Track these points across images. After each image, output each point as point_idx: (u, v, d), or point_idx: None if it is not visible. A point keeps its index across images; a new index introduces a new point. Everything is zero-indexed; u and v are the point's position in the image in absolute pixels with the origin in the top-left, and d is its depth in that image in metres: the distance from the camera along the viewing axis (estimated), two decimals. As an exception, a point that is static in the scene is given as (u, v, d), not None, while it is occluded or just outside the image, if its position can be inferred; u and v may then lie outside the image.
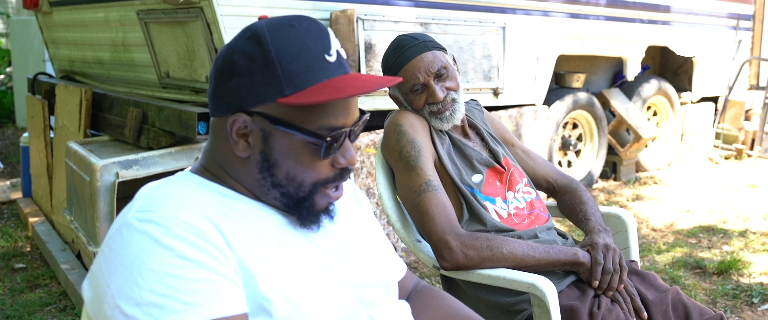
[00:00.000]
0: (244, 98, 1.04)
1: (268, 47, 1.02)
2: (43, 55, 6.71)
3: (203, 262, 0.95)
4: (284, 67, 1.02)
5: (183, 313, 0.91)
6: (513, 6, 4.47)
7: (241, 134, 1.06)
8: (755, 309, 3.19)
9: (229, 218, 1.04)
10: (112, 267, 0.95)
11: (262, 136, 1.05)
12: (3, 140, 7.45)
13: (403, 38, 1.93)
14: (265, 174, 1.08)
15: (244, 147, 1.07)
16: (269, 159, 1.06)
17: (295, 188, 1.08)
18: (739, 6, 6.46)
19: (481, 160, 1.95)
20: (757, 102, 6.85)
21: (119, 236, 0.97)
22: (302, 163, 1.07)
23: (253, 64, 1.02)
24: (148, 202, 1.01)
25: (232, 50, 1.05)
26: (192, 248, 0.95)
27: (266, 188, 1.09)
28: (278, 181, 1.08)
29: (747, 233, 4.32)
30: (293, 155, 1.06)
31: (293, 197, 1.09)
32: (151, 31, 3.55)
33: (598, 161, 5.43)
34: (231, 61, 1.04)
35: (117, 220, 1.02)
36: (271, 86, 1.02)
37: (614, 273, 1.74)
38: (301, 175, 1.07)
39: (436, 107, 1.90)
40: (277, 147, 1.06)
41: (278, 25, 1.05)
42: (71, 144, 3.36)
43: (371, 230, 1.31)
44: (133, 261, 0.94)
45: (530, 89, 4.75)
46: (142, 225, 0.96)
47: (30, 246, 4.08)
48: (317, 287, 1.07)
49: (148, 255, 0.94)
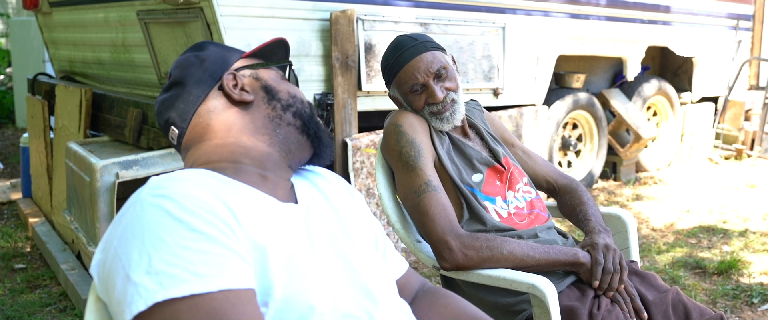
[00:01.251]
0: (217, 69, 1.26)
1: (202, 45, 1.32)
2: (43, 56, 6.72)
3: (214, 236, 0.97)
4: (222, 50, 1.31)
5: (192, 283, 0.92)
6: (513, 6, 4.47)
7: (236, 86, 1.24)
8: (755, 309, 3.19)
9: (239, 200, 1.06)
10: (124, 238, 0.96)
11: (253, 77, 1.27)
12: (3, 141, 7.45)
13: (403, 39, 1.93)
14: (273, 103, 1.25)
15: (247, 94, 1.24)
16: (270, 88, 1.26)
17: (300, 104, 1.27)
18: (739, 6, 6.46)
19: (481, 159, 1.95)
20: (757, 102, 6.86)
21: (132, 210, 0.99)
22: (286, 83, 1.30)
23: (196, 59, 1.28)
24: (160, 181, 1.04)
25: (172, 69, 1.31)
26: (204, 222, 0.97)
27: (280, 118, 1.24)
28: (286, 101, 1.26)
29: (747, 234, 4.32)
30: (280, 79, 1.30)
31: (304, 115, 1.26)
32: (151, 31, 3.55)
33: (598, 162, 5.44)
34: (177, 76, 1.28)
35: (129, 200, 1.04)
36: (229, 54, 1.29)
37: (615, 274, 1.74)
38: (295, 91, 1.29)
39: (435, 107, 1.90)
40: (268, 78, 1.28)
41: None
42: (71, 145, 3.36)
43: (369, 228, 1.32)
44: (145, 232, 0.95)
45: (530, 89, 4.75)
46: (155, 200, 0.99)
47: (30, 247, 4.08)
48: (320, 276, 1.08)
49: (160, 227, 0.95)
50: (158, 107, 1.28)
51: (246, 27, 3.25)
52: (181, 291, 0.91)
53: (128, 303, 0.91)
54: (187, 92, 1.24)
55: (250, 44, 3.26)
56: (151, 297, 0.90)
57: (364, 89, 3.70)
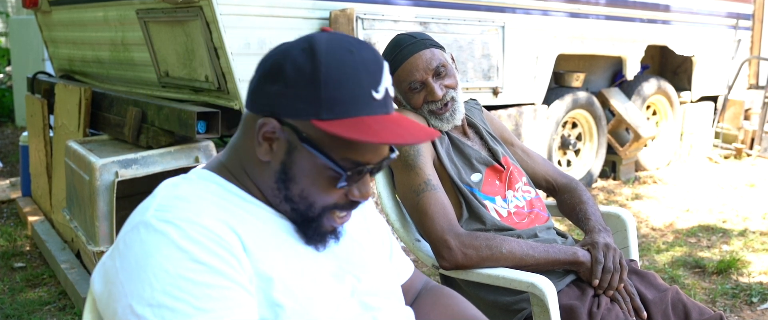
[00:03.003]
0: (281, 107, 1.03)
1: (320, 67, 1.01)
2: (43, 55, 6.71)
3: (218, 268, 0.95)
4: (328, 92, 1.00)
5: (194, 317, 0.92)
6: (512, 5, 4.47)
7: (267, 137, 1.05)
8: (755, 309, 3.19)
9: (246, 223, 1.04)
10: (127, 264, 0.95)
11: (287, 147, 1.05)
12: (2, 139, 7.44)
13: (401, 37, 1.93)
14: (280, 185, 1.07)
15: (267, 151, 1.06)
16: (288, 172, 1.06)
17: (305, 207, 1.07)
18: (739, 5, 6.46)
19: (480, 159, 1.95)
20: (757, 101, 6.86)
21: (136, 234, 0.97)
22: (318, 186, 1.06)
23: (300, 76, 1.01)
24: (167, 202, 1.01)
25: (285, 55, 1.04)
26: (208, 253, 0.95)
27: (279, 199, 1.08)
28: (291, 196, 1.07)
29: (746, 233, 4.32)
30: (311, 176, 1.05)
31: (302, 215, 1.08)
32: (151, 30, 3.55)
33: (598, 161, 5.43)
34: (280, 66, 1.03)
35: (134, 216, 1.02)
36: (311, 105, 1.01)
37: (614, 273, 1.74)
38: (314, 196, 1.07)
39: (435, 105, 1.90)
40: (298, 163, 1.05)
41: (337, 46, 1.03)
42: (71, 143, 3.36)
43: (376, 234, 1.31)
44: (148, 261, 0.94)
45: (530, 88, 4.75)
46: (160, 225, 0.97)
47: (29, 245, 4.08)
48: (326, 294, 1.07)
49: (163, 256, 0.94)
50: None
51: (245, 26, 3.25)
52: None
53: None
54: (258, 89, 1.07)
55: (248, 44, 3.26)
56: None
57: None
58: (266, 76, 1.05)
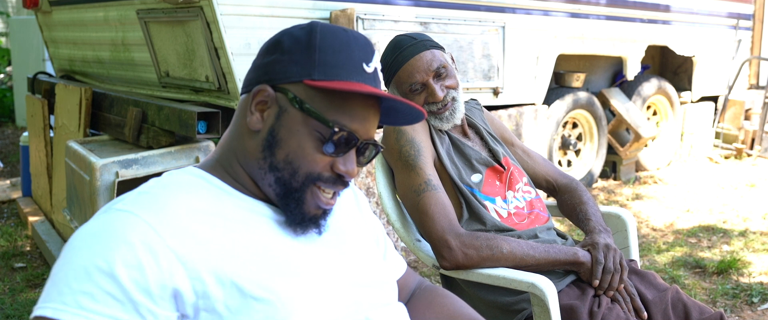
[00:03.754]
0: (276, 73, 1.08)
1: (315, 36, 1.08)
2: (43, 55, 6.71)
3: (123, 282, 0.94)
4: (322, 56, 1.07)
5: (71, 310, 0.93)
6: (513, 5, 4.47)
7: (259, 106, 1.09)
8: (755, 309, 3.19)
9: (216, 227, 1.04)
10: (63, 253, 0.99)
11: (277, 112, 1.08)
12: (3, 140, 7.45)
13: (402, 38, 1.93)
14: (266, 153, 1.09)
15: (258, 120, 1.09)
16: (275, 136, 1.08)
17: (289, 174, 1.08)
18: (739, 5, 6.46)
19: (481, 159, 1.95)
20: (757, 101, 6.86)
21: (95, 219, 1.01)
22: (304, 148, 1.07)
23: (296, 45, 1.08)
24: (138, 201, 1.03)
25: (284, 33, 1.11)
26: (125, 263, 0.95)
27: (264, 171, 1.09)
28: (276, 163, 1.08)
29: (747, 233, 4.32)
30: (298, 138, 1.07)
31: (286, 185, 1.08)
32: (151, 30, 3.55)
33: (598, 161, 5.43)
34: (277, 41, 1.10)
35: (105, 206, 1.05)
36: (304, 67, 1.07)
37: (615, 273, 1.74)
38: (299, 161, 1.08)
39: (435, 106, 1.90)
40: (286, 125, 1.07)
41: (333, 26, 1.11)
42: (71, 143, 3.36)
43: (370, 231, 1.30)
44: (80, 242, 0.98)
45: (530, 88, 4.75)
46: (109, 216, 1.00)
47: (30, 246, 4.08)
48: (311, 287, 1.06)
49: (95, 252, 0.96)
50: None
51: (246, 26, 3.25)
52: (51, 313, 0.93)
53: (41, 297, 0.96)
54: (254, 67, 1.13)
55: (249, 44, 3.26)
56: (37, 307, 0.94)
57: (363, 88, 3.70)
58: (264, 52, 1.12)
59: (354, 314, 1.12)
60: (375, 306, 1.17)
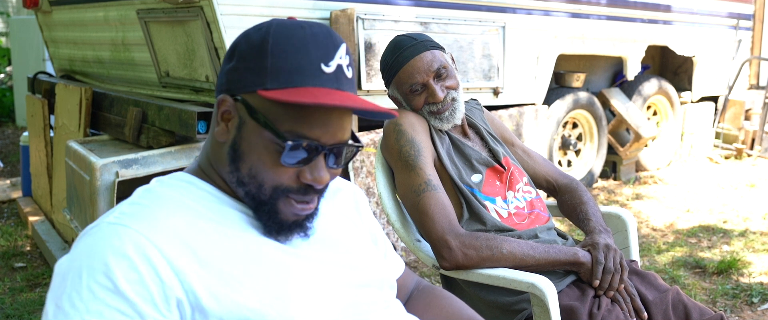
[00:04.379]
0: (233, 82, 1.04)
1: (268, 38, 1.02)
2: (43, 55, 6.71)
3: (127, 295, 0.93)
4: (274, 61, 1.00)
5: None
6: (513, 5, 4.47)
7: (224, 116, 1.05)
8: (755, 309, 3.19)
9: (205, 234, 1.02)
10: (57, 271, 0.97)
11: (238, 123, 1.04)
12: (3, 139, 7.45)
13: (402, 38, 1.92)
14: (231, 167, 1.06)
15: (223, 131, 1.05)
16: (237, 149, 1.04)
17: (256, 187, 1.04)
18: (739, 6, 6.46)
19: (481, 159, 1.95)
20: (757, 102, 6.85)
21: (87, 236, 0.99)
22: (264, 162, 1.03)
23: (250, 50, 1.02)
24: (127, 212, 1.02)
25: (242, 35, 1.06)
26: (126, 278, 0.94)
27: (235, 184, 1.06)
28: (241, 177, 1.05)
29: (747, 233, 4.32)
30: (257, 151, 1.03)
31: (255, 199, 1.05)
32: (151, 30, 3.55)
33: (598, 161, 5.43)
34: (235, 45, 1.05)
35: (96, 221, 1.03)
36: (258, 75, 1.01)
37: (615, 273, 1.74)
38: (262, 175, 1.03)
39: (435, 106, 1.90)
40: (246, 138, 1.03)
41: (290, 24, 1.04)
42: (71, 143, 3.36)
43: (368, 232, 1.30)
44: (74, 263, 0.96)
45: (530, 88, 4.75)
46: (108, 237, 0.97)
47: (30, 245, 4.08)
48: (303, 293, 1.05)
49: (93, 270, 0.94)
50: None
51: (246, 26, 3.21)
52: None
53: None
54: (219, 73, 1.09)
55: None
56: None
57: (363, 88, 3.70)
58: (226, 57, 1.07)
59: (353, 315, 1.12)
60: (374, 306, 1.16)
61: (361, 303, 1.14)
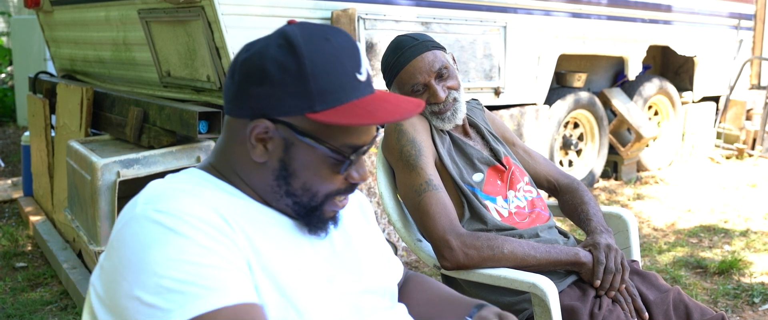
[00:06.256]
0: (272, 107, 1.03)
1: (303, 60, 1.01)
2: (45, 54, 6.72)
3: (218, 251, 0.95)
4: (317, 83, 1.01)
5: (206, 298, 0.91)
6: (514, 5, 4.46)
7: (260, 139, 1.05)
8: (756, 309, 3.18)
9: (240, 216, 1.03)
10: (126, 258, 0.94)
11: (283, 145, 1.05)
12: (4, 139, 7.45)
13: (403, 38, 1.92)
14: (280, 182, 1.07)
15: (262, 153, 1.06)
16: (288, 168, 1.06)
17: (308, 198, 1.08)
18: (741, 6, 6.45)
19: (482, 159, 1.95)
20: (759, 102, 6.85)
21: (129, 229, 0.97)
22: (320, 176, 1.07)
23: (286, 74, 1.01)
24: (154, 196, 1.01)
25: (262, 56, 1.03)
26: (206, 236, 0.95)
27: (279, 195, 1.08)
28: (293, 190, 1.08)
29: (748, 233, 4.31)
30: (313, 168, 1.06)
31: (305, 207, 1.09)
32: (152, 30, 3.55)
33: (600, 161, 5.43)
34: (261, 68, 1.02)
35: (123, 215, 1.01)
36: (303, 99, 1.02)
37: (616, 273, 1.74)
38: (317, 186, 1.08)
39: (437, 107, 1.90)
40: (297, 158, 1.05)
41: (313, 37, 1.03)
42: (72, 143, 3.36)
43: (374, 237, 1.31)
44: (147, 251, 0.93)
45: (531, 88, 4.75)
46: (153, 215, 0.96)
47: (31, 245, 4.08)
48: (319, 293, 1.07)
49: (162, 244, 0.93)
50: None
51: (247, 26, 3.25)
52: (197, 309, 0.90)
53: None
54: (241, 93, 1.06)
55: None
56: (167, 318, 0.90)
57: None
58: (248, 79, 1.04)
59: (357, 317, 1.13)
60: (378, 310, 1.17)
61: (365, 308, 1.15)
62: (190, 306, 0.90)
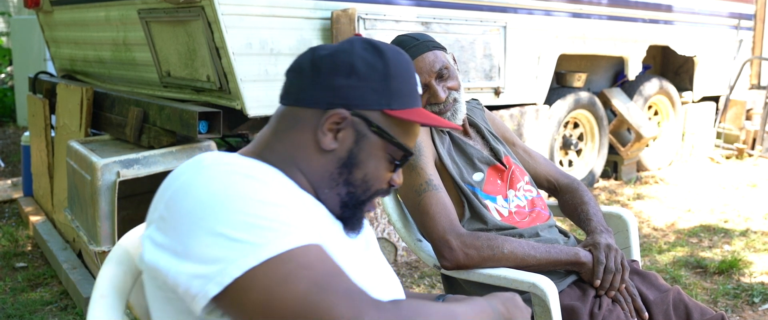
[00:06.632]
0: (353, 98, 1.12)
1: (389, 62, 1.13)
2: (44, 54, 6.71)
3: (294, 203, 1.02)
4: (397, 85, 1.14)
5: (295, 235, 0.96)
6: (514, 5, 4.46)
7: (332, 128, 1.12)
8: (756, 309, 3.18)
9: (300, 201, 1.08)
10: (202, 201, 0.97)
11: (355, 136, 1.13)
12: (4, 139, 7.45)
13: (403, 38, 1.92)
14: (343, 170, 1.14)
15: (331, 141, 1.12)
16: (355, 159, 1.14)
17: (362, 190, 1.16)
18: (741, 5, 6.45)
19: (482, 158, 1.95)
20: (758, 102, 6.85)
21: (202, 177, 1.00)
22: (378, 171, 1.16)
23: (373, 72, 1.12)
24: (221, 156, 1.06)
25: (350, 53, 1.13)
26: (282, 187, 1.03)
27: (336, 183, 1.14)
28: (352, 180, 1.15)
29: (748, 233, 4.31)
30: (374, 161, 1.15)
31: (356, 199, 1.16)
32: (152, 30, 3.55)
33: (600, 161, 5.43)
34: (350, 63, 1.12)
35: (181, 172, 1.04)
36: (383, 96, 1.13)
37: (616, 273, 1.74)
38: (373, 181, 1.16)
39: (437, 107, 1.90)
40: (365, 149, 1.14)
41: (391, 47, 1.17)
42: (72, 143, 3.36)
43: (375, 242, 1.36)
44: (228, 192, 0.97)
45: (531, 88, 4.75)
46: (226, 167, 1.01)
47: (31, 245, 4.08)
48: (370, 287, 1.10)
49: (243, 186, 0.98)
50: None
51: (247, 26, 3.25)
52: (287, 244, 0.94)
53: (233, 260, 0.92)
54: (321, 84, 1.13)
55: (250, 43, 3.26)
56: (262, 252, 0.93)
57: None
58: (334, 72, 1.12)
59: None
60: None
61: None
62: (279, 241, 0.94)
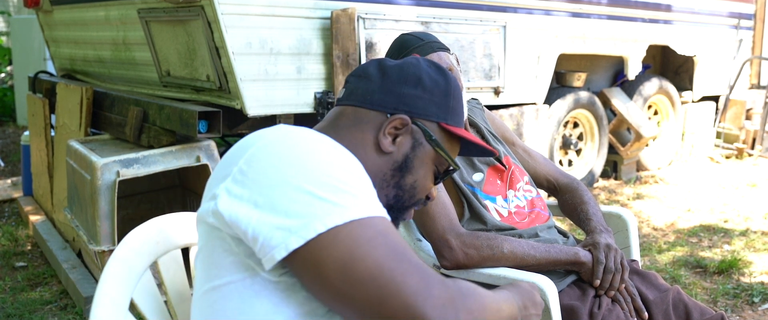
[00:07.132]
0: (417, 107, 1.22)
1: (450, 82, 1.26)
2: (44, 54, 6.71)
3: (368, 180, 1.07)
4: (454, 104, 1.26)
5: (373, 206, 1.01)
6: (514, 5, 4.46)
7: (393, 132, 1.20)
8: (756, 309, 3.19)
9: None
10: (286, 157, 1.01)
11: (412, 142, 1.22)
12: (4, 139, 7.45)
13: (408, 38, 1.90)
14: (396, 173, 1.21)
15: (390, 144, 1.20)
16: (409, 164, 1.22)
17: (409, 195, 1.23)
18: (740, 5, 6.45)
19: (482, 158, 1.95)
20: (758, 101, 6.85)
21: (287, 138, 1.05)
22: (427, 179, 1.25)
23: (436, 87, 1.24)
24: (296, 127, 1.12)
25: (418, 67, 1.24)
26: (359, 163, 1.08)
27: (386, 184, 1.21)
28: (403, 184, 1.22)
29: (748, 233, 4.31)
30: (424, 170, 1.24)
31: (402, 202, 1.23)
32: (152, 29, 3.55)
33: (599, 160, 5.43)
34: (418, 75, 1.23)
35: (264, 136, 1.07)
36: (442, 110, 1.24)
37: (616, 273, 1.74)
38: (420, 188, 1.25)
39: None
40: (419, 157, 1.22)
41: (451, 73, 1.28)
42: (72, 143, 3.36)
43: None
44: (313, 153, 1.02)
45: (531, 87, 4.75)
46: (311, 133, 1.08)
47: (31, 245, 4.08)
48: None
49: (328, 150, 1.04)
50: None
51: (247, 25, 3.25)
52: (367, 212, 0.99)
53: (319, 217, 0.96)
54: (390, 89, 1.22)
55: (250, 43, 3.26)
56: (346, 213, 0.97)
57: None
58: (404, 80, 1.23)
59: None
60: None
61: None
62: (362, 207, 0.99)
